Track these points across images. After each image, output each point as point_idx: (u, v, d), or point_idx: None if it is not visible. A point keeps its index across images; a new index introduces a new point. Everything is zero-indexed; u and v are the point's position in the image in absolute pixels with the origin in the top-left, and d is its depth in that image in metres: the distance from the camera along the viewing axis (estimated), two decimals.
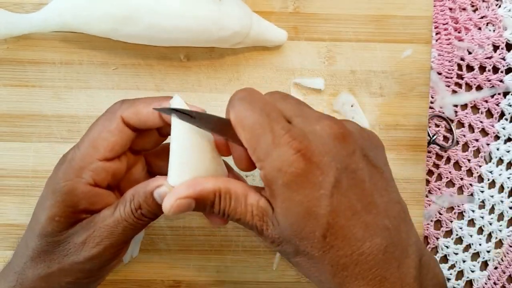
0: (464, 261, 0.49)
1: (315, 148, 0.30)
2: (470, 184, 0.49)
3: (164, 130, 0.37)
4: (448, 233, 0.49)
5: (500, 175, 0.49)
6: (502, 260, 0.49)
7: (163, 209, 0.32)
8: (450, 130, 0.49)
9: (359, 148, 0.32)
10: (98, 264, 0.35)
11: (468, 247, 0.49)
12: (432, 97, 0.49)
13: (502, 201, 0.49)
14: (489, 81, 0.49)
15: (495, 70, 0.49)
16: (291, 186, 0.30)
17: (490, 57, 0.49)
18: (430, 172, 0.49)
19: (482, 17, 0.49)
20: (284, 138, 0.30)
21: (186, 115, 0.33)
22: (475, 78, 0.49)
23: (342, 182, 0.30)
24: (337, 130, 0.31)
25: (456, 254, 0.49)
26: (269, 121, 0.31)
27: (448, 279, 0.49)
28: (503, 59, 0.49)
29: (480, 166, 0.49)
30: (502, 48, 0.49)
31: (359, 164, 0.31)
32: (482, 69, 0.49)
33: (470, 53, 0.49)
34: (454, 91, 0.49)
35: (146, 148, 0.38)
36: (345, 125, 0.32)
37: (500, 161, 0.49)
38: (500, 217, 0.49)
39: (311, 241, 0.30)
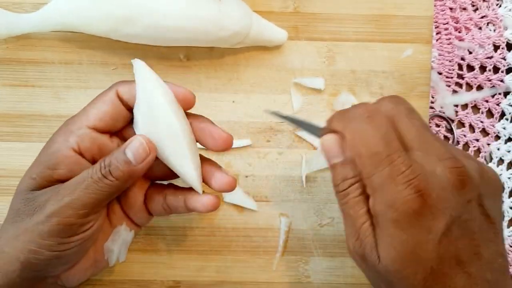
0: None
1: (433, 191, 0.30)
2: None
3: None
4: None
5: (500, 175, 0.49)
6: None
7: (322, 139, 0.33)
8: (450, 130, 0.49)
9: (476, 197, 0.31)
10: (57, 227, 0.33)
11: None
12: (433, 97, 0.49)
13: (502, 201, 0.49)
14: (490, 81, 0.49)
15: (496, 70, 0.49)
16: (399, 224, 0.30)
17: (490, 57, 0.49)
18: None
19: (482, 17, 0.49)
20: (404, 174, 0.30)
21: (292, 121, 0.35)
22: (475, 78, 0.49)
23: (453, 230, 0.30)
24: (458, 177, 0.30)
25: None
26: (390, 152, 0.30)
27: None
28: (504, 59, 0.48)
29: None
30: (502, 48, 0.48)
31: (473, 213, 0.31)
32: (483, 69, 0.49)
33: (470, 53, 0.49)
34: (454, 91, 0.49)
35: (156, 178, 0.39)
36: (467, 170, 0.31)
37: (501, 161, 0.49)
38: None
39: (410, 282, 0.30)
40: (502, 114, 0.49)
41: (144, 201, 0.38)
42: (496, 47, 0.49)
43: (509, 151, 0.49)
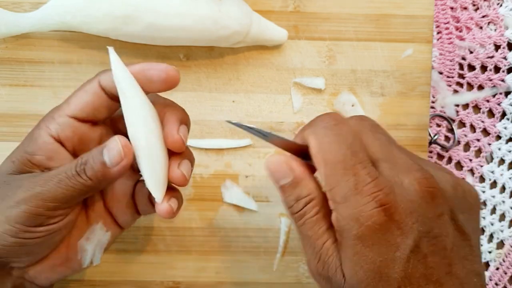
0: None
1: (400, 204, 0.28)
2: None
3: None
4: None
5: (501, 175, 0.49)
6: (504, 261, 0.49)
7: (267, 161, 0.31)
8: (451, 130, 0.49)
9: (448, 210, 0.29)
10: (23, 214, 0.32)
11: None
12: (433, 97, 0.48)
13: (503, 202, 0.49)
14: (491, 80, 0.49)
15: (497, 69, 0.49)
16: (364, 241, 0.28)
17: (491, 57, 0.48)
18: None
19: (483, 16, 0.49)
20: (369, 186, 0.28)
21: (258, 132, 0.32)
22: (476, 77, 0.49)
23: (422, 247, 0.28)
24: (426, 188, 0.28)
25: None
26: (355, 163, 0.29)
27: None
28: (505, 58, 0.48)
29: (481, 166, 0.49)
30: (503, 48, 0.48)
31: (445, 229, 0.29)
32: (484, 68, 0.49)
33: (471, 52, 0.49)
34: (455, 91, 0.49)
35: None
36: (436, 182, 0.29)
37: (502, 161, 0.49)
38: (502, 217, 0.49)
39: None
40: (503, 114, 0.49)
41: (132, 196, 0.38)
42: (497, 47, 0.49)
43: (510, 151, 0.49)
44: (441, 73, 0.49)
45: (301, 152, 0.32)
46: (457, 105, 0.49)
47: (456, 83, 0.49)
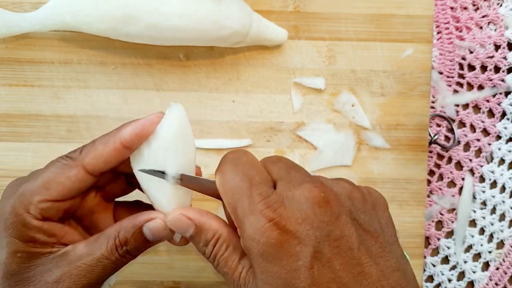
0: (465, 262, 0.49)
1: (291, 215, 0.28)
2: (472, 184, 0.49)
3: (133, 180, 0.35)
4: (449, 234, 0.49)
5: (501, 175, 0.49)
6: (504, 261, 0.49)
7: (168, 221, 0.32)
8: (451, 130, 0.49)
9: (345, 212, 0.29)
10: None
11: (469, 247, 0.49)
12: (433, 97, 0.48)
13: (503, 202, 0.49)
14: (491, 80, 0.49)
15: (497, 69, 0.49)
16: (266, 257, 0.28)
17: (491, 57, 0.48)
18: (431, 172, 0.49)
19: (483, 16, 0.49)
20: (258, 205, 0.29)
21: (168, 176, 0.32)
22: (476, 77, 0.49)
23: (324, 251, 0.28)
24: (317, 194, 0.29)
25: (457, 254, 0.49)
26: (249, 186, 0.30)
27: (450, 280, 0.49)
28: (505, 58, 0.48)
29: (481, 166, 0.49)
30: (503, 48, 0.48)
31: (346, 230, 0.29)
32: (484, 68, 0.49)
33: (471, 52, 0.49)
34: (455, 91, 0.49)
35: (117, 195, 0.37)
36: (329, 188, 0.30)
37: (502, 161, 0.49)
38: (502, 217, 0.49)
39: None
40: (503, 114, 0.49)
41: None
42: (497, 47, 0.49)
43: (510, 151, 0.49)
44: (441, 73, 0.49)
45: (208, 189, 0.33)
46: (457, 105, 0.49)
47: (456, 83, 0.49)
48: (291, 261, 0.28)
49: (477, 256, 0.49)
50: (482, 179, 0.49)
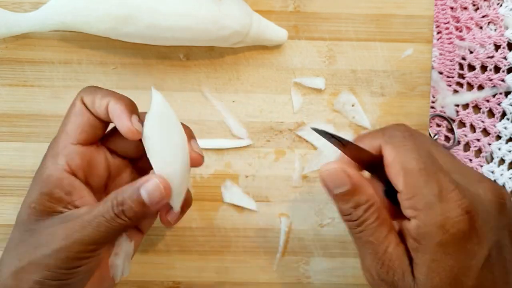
0: None
1: (480, 213, 0.28)
2: None
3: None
4: None
5: (501, 175, 0.49)
6: None
7: (323, 171, 0.31)
8: (451, 130, 0.49)
9: (508, 222, 0.30)
10: (65, 260, 0.33)
11: None
12: (433, 97, 0.48)
13: None
14: (491, 80, 0.49)
15: (497, 69, 0.49)
16: (446, 248, 0.28)
17: (491, 57, 0.48)
18: None
19: (483, 16, 0.49)
20: (453, 193, 0.28)
21: (337, 140, 0.32)
22: (476, 77, 0.49)
23: (492, 256, 0.29)
24: (498, 199, 0.29)
25: None
26: (436, 170, 0.29)
27: None
28: (505, 58, 0.48)
29: (481, 166, 0.49)
30: (503, 48, 0.48)
31: (505, 240, 0.30)
32: (484, 68, 0.49)
33: (471, 52, 0.49)
34: (455, 91, 0.49)
35: (130, 155, 0.38)
36: (506, 193, 0.30)
37: (502, 161, 0.49)
38: None
39: None
40: (503, 114, 0.49)
41: None
42: (497, 47, 0.49)
43: (510, 151, 0.49)
44: (441, 73, 0.49)
45: (370, 163, 0.32)
46: (457, 105, 0.49)
47: (456, 83, 0.49)
48: (468, 258, 0.28)
49: None
50: None
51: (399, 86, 0.45)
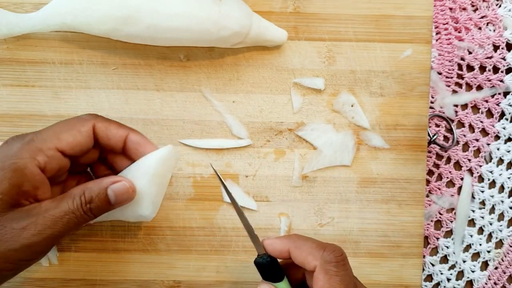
0: (464, 261, 0.49)
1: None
2: (471, 184, 0.49)
3: (131, 153, 0.39)
4: (448, 233, 0.49)
5: (500, 175, 0.49)
6: (503, 260, 0.49)
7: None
8: (450, 130, 0.49)
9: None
10: (31, 254, 0.35)
11: (468, 247, 0.49)
12: (432, 97, 0.49)
13: (502, 201, 0.49)
14: (490, 81, 0.49)
15: (495, 70, 0.49)
16: None
17: (490, 57, 0.49)
18: (430, 172, 0.49)
19: (482, 17, 0.49)
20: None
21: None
22: (475, 78, 0.49)
23: None
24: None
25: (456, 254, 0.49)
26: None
27: (449, 279, 0.49)
28: (503, 59, 0.49)
29: (480, 166, 0.49)
30: (502, 48, 0.49)
31: None
32: (482, 69, 0.49)
33: (470, 53, 0.49)
34: (454, 91, 0.49)
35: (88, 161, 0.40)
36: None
37: (501, 161, 0.49)
38: (501, 217, 0.49)
39: None
40: (502, 114, 0.49)
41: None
42: (495, 47, 0.49)
43: (508, 151, 0.49)
44: (440, 73, 0.49)
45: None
46: (456, 105, 0.49)
47: (455, 84, 0.49)
48: None
49: (476, 255, 0.49)
50: (481, 179, 0.49)
51: (398, 86, 0.46)
